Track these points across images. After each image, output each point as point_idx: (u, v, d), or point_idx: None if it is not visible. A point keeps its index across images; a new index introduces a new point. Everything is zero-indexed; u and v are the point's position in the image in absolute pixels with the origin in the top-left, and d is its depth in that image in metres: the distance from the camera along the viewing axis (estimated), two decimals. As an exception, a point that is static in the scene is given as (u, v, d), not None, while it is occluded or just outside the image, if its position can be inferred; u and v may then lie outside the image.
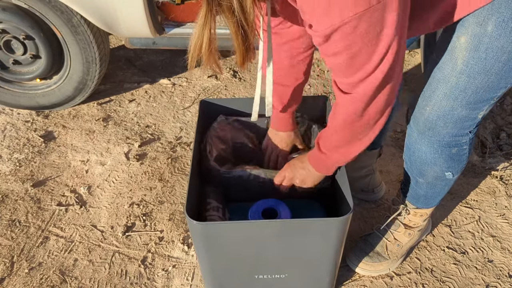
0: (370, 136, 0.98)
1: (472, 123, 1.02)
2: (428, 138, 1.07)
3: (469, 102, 0.96)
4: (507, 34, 0.84)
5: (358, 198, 1.58)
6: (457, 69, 0.92)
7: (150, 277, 1.36)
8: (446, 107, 0.98)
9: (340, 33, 0.74)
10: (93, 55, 1.81)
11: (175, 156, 1.79)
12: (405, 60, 2.39)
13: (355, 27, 0.72)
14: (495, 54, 0.87)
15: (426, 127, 1.05)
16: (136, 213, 1.56)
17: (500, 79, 0.91)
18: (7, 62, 1.86)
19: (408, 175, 1.24)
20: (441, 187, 1.20)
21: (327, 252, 1.09)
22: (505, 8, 0.81)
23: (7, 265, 1.39)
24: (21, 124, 1.94)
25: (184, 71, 2.30)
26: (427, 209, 1.29)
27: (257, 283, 1.17)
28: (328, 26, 0.73)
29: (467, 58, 0.90)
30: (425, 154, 1.11)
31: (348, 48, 0.77)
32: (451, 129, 1.03)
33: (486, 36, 0.85)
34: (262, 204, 1.22)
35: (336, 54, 0.79)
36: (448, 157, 1.10)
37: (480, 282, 1.35)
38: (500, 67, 0.88)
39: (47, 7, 1.67)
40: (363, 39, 0.75)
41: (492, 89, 0.93)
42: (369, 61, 0.79)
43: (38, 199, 1.61)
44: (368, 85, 0.84)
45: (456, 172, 1.15)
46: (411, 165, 1.19)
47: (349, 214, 0.99)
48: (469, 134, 1.05)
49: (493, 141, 1.85)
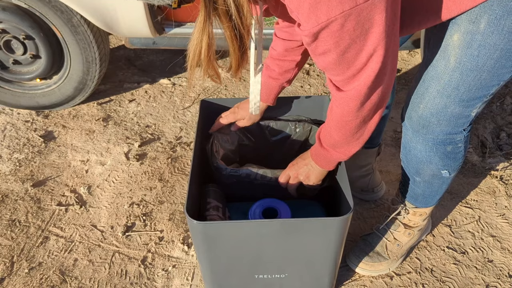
0: (365, 137, 1.00)
1: (465, 120, 1.03)
2: (423, 136, 1.08)
3: (462, 100, 0.97)
4: (499, 32, 0.84)
5: (358, 197, 1.58)
6: (450, 67, 0.93)
7: (150, 277, 1.36)
8: (439, 104, 0.99)
9: (327, 31, 0.74)
10: (93, 55, 1.81)
11: (175, 156, 1.79)
12: (405, 60, 2.39)
13: (342, 25, 0.73)
14: (487, 51, 0.87)
15: (420, 124, 1.06)
16: (136, 213, 1.56)
17: (492, 76, 0.92)
18: (7, 62, 1.86)
19: (405, 174, 1.24)
20: (438, 185, 1.20)
21: (327, 252, 1.09)
22: (498, 6, 0.82)
23: (7, 265, 1.39)
24: (21, 124, 1.94)
25: (184, 71, 2.30)
26: (426, 208, 1.29)
27: (257, 283, 1.17)
28: (315, 25, 0.74)
29: (459, 56, 0.91)
30: (420, 152, 1.12)
31: (336, 45, 0.77)
32: (445, 126, 1.03)
33: (478, 33, 0.86)
34: (262, 204, 1.22)
35: (326, 53, 0.80)
36: (443, 155, 1.10)
37: (480, 282, 1.35)
38: (492, 64, 0.89)
39: (47, 7, 1.67)
40: (351, 36, 0.75)
41: (485, 87, 0.94)
42: (358, 58, 0.79)
43: (38, 199, 1.61)
44: (361, 83, 0.84)
45: (452, 170, 1.16)
46: (408, 164, 1.20)
47: (349, 214, 0.99)
48: (463, 132, 1.06)
49: (493, 141, 1.85)
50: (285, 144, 1.41)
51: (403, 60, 2.39)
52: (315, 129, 1.37)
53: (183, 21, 1.84)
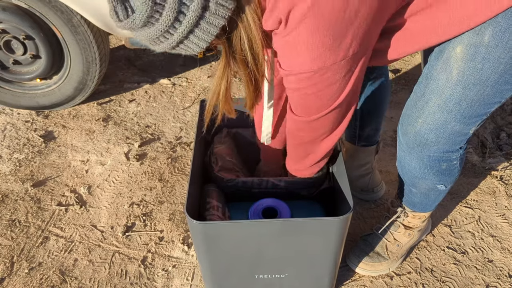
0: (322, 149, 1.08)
1: (463, 138, 1.00)
2: (418, 153, 1.05)
3: (464, 116, 0.94)
4: (503, 45, 0.82)
5: (358, 197, 1.58)
6: (452, 80, 0.90)
7: (150, 277, 1.36)
8: (439, 120, 0.96)
9: (296, 78, 0.86)
10: (93, 55, 1.81)
11: (175, 156, 1.79)
12: (405, 60, 2.39)
13: (309, 78, 0.84)
14: (491, 65, 0.85)
15: (416, 141, 1.03)
16: (136, 213, 1.56)
17: (495, 92, 0.89)
18: (7, 62, 1.86)
19: (402, 184, 1.23)
20: (435, 196, 1.19)
21: (327, 252, 1.09)
22: (502, 18, 0.80)
23: (7, 265, 1.39)
24: (21, 124, 1.94)
25: (184, 71, 2.30)
26: (425, 212, 1.29)
27: (257, 283, 1.17)
28: (287, 71, 0.86)
29: (462, 69, 0.88)
30: (415, 169, 1.10)
31: (298, 90, 0.89)
32: (443, 145, 1.01)
33: (482, 46, 0.83)
34: (262, 204, 1.22)
35: (293, 90, 0.91)
36: (438, 172, 1.08)
37: (480, 282, 1.35)
38: (496, 79, 0.87)
39: (47, 7, 1.67)
40: (314, 88, 0.87)
41: (487, 103, 0.91)
42: (322, 108, 0.92)
43: (38, 199, 1.61)
44: (322, 121, 0.96)
45: (448, 184, 1.14)
46: (403, 176, 1.19)
47: (349, 213, 0.99)
48: (459, 150, 1.03)
49: (493, 141, 1.85)
50: None
51: (403, 60, 2.39)
52: None
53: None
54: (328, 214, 1.29)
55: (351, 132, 1.47)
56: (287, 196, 1.23)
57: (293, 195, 1.26)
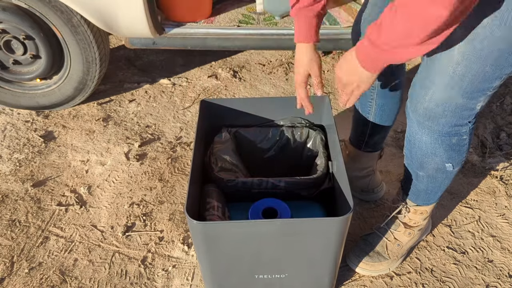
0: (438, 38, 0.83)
1: (470, 113, 1.04)
2: (428, 128, 1.09)
3: (466, 92, 0.98)
4: (503, 25, 0.85)
5: (358, 198, 1.58)
6: (454, 60, 0.95)
7: (150, 277, 1.37)
8: (444, 96, 1.01)
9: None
10: (93, 55, 1.81)
11: (175, 156, 1.79)
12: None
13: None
14: (491, 44, 0.89)
15: (426, 116, 1.07)
16: (136, 213, 1.56)
17: (495, 69, 0.93)
18: (7, 62, 1.86)
19: (408, 171, 1.24)
20: (441, 180, 1.21)
21: (327, 252, 1.09)
22: (503, 3, 0.83)
23: (7, 265, 1.39)
24: (21, 124, 1.94)
25: (184, 71, 2.30)
26: (427, 206, 1.29)
27: (257, 283, 1.17)
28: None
29: (463, 49, 0.92)
30: (425, 144, 1.12)
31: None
32: (450, 118, 1.04)
33: (482, 26, 0.87)
34: (262, 204, 1.22)
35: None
36: (448, 147, 1.11)
37: (480, 282, 1.35)
38: (495, 57, 0.91)
39: (47, 7, 1.67)
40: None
41: (488, 79, 0.95)
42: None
43: (38, 199, 1.61)
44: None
45: (456, 164, 1.16)
46: (412, 158, 1.20)
47: (349, 214, 0.99)
48: (468, 124, 1.07)
49: (493, 141, 1.85)
50: (284, 150, 1.42)
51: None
52: (312, 133, 1.37)
53: (183, 21, 1.84)
54: (328, 214, 1.29)
55: (359, 138, 1.48)
56: (287, 196, 1.23)
57: (293, 195, 1.26)
